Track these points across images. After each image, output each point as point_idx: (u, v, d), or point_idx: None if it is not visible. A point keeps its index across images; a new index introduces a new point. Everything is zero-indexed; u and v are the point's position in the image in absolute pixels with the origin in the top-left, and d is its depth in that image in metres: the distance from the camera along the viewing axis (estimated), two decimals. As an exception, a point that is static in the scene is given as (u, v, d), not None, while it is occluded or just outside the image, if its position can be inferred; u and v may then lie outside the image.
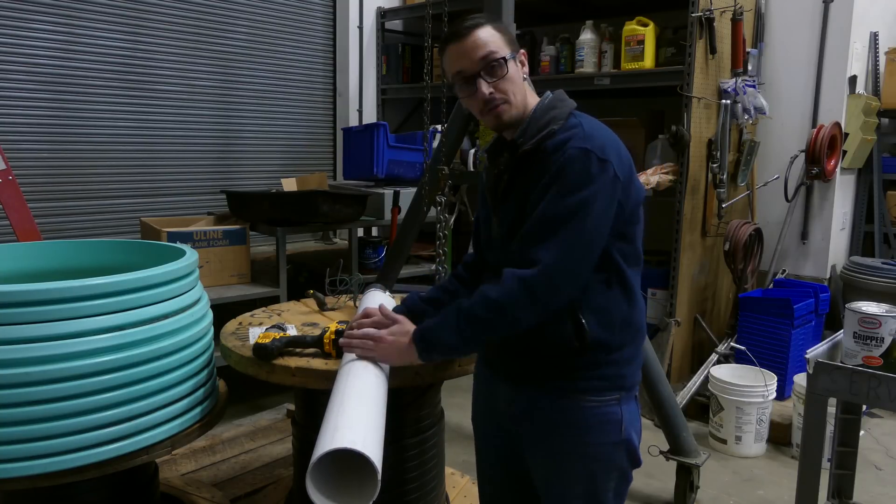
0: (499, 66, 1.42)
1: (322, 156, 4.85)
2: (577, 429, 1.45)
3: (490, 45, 1.41)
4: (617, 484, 1.49)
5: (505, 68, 1.42)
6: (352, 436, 1.22)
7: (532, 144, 1.42)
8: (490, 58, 1.41)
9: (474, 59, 1.42)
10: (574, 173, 1.34)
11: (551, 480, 1.50)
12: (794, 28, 3.93)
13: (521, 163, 1.45)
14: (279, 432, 2.99)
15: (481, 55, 1.41)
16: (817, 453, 1.73)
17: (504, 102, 1.44)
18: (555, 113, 1.45)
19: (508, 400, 1.54)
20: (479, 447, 1.73)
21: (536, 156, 1.42)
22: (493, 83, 1.43)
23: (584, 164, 1.34)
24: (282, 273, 3.35)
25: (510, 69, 1.43)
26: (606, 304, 1.43)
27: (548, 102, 1.48)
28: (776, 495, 2.81)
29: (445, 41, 1.47)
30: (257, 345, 1.76)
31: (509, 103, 1.44)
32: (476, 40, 1.41)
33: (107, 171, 3.83)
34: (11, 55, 3.45)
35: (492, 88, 1.43)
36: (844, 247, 4.21)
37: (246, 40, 4.32)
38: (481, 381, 1.69)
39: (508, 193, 1.49)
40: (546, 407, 1.47)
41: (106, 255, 2.09)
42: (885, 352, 1.67)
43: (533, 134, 1.43)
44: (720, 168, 3.60)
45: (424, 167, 2.92)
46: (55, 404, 1.49)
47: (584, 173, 1.34)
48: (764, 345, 3.44)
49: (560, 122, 1.42)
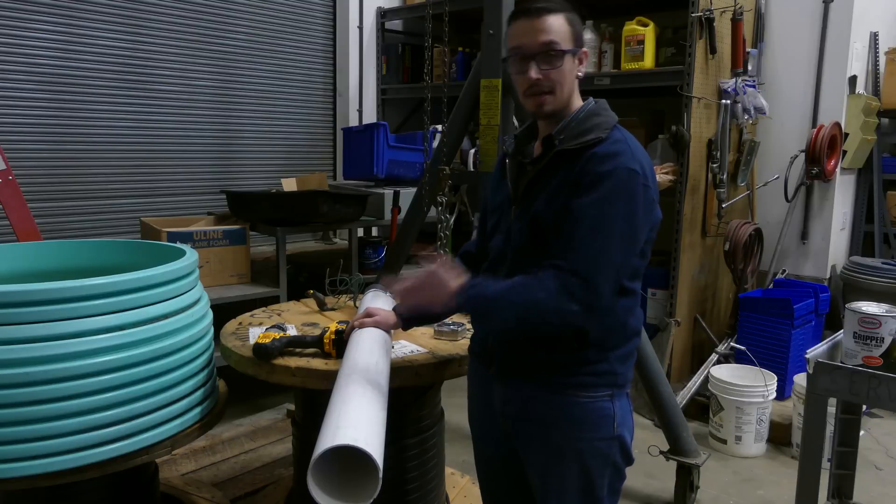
0: (556, 57, 1.43)
1: (322, 156, 4.85)
2: (571, 424, 1.47)
3: (555, 33, 1.42)
4: (611, 480, 1.51)
5: (561, 60, 1.43)
6: (354, 433, 1.22)
7: (576, 145, 1.43)
8: (551, 45, 1.42)
9: (536, 41, 1.42)
10: (625, 192, 1.37)
11: (547, 476, 1.51)
12: (794, 28, 3.93)
13: (557, 159, 1.46)
14: (279, 432, 2.99)
15: (543, 40, 1.42)
16: (817, 453, 1.73)
17: (549, 92, 1.45)
18: (599, 121, 1.46)
19: (503, 398, 1.56)
20: (477, 447, 1.74)
21: (577, 158, 1.43)
22: (544, 70, 1.43)
23: (632, 184, 1.37)
24: (282, 273, 3.35)
25: (566, 63, 1.44)
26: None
27: (592, 108, 1.50)
28: (776, 495, 2.81)
29: (515, 14, 1.48)
30: (257, 345, 1.76)
31: (553, 94, 1.45)
32: (545, 24, 1.42)
33: (107, 171, 3.82)
34: (11, 55, 3.45)
35: (541, 75, 1.43)
36: (844, 247, 4.21)
37: (246, 40, 4.31)
38: (476, 382, 1.70)
39: (534, 186, 1.49)
40: (540, 403, 1.49)
41: (106, 255, 2.09)
42: (885, 352, 1.67)
43: (575, 135, 1.44)
44: (720, 168, 3.60)
45: (424, 167, 2.92)
46: (55, 404, 1.49)
47: (632, 193, 1.37)
48: (764, 345, 3.44)
49: (605, 132, 1.44)
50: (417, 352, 1.85)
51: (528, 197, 1.50)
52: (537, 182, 1.49)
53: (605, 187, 1.36)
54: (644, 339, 2.53)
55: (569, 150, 1.44)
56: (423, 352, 1.85)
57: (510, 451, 1.60)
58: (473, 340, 1.69)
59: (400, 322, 1.73)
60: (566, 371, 1.46)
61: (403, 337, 1.98)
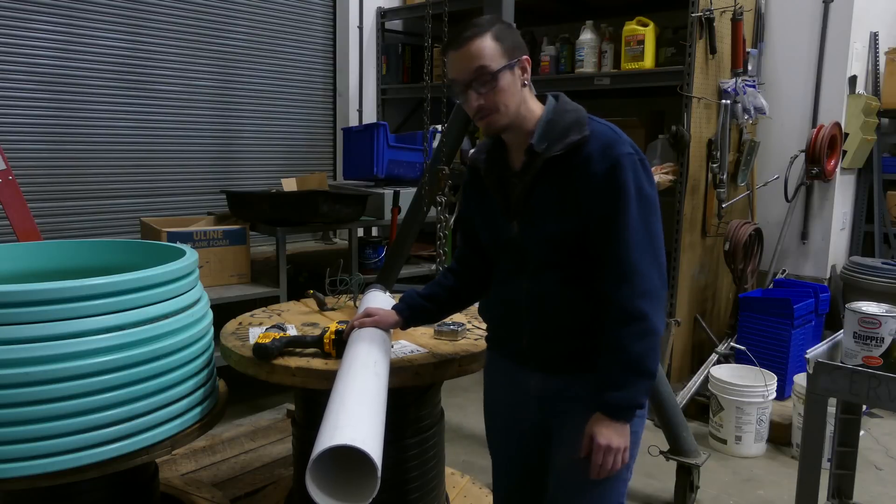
0: (490, 79, 1.43)
1: (322, 156, 4.85)
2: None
3: (484, 57, 1.42)
4: (631, 460, 1.54)
5: (495, 82, 1.43)
6: (352, 433, 1.22)
7: (562, 149, 1.44)
8: (481, 71, 1.43)
9: (468, 69, 1.44)
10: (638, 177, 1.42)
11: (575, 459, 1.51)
12: (794, 28, 3.93)
13: (546, 167, 1.47)
14: (279, 432, 2.99)
15: (473, 67, 1.43)
16: (817, 453, 1.73)
17: (494, 112, 1.46)
18: (572, 118, 1.48)
19: (542, 388, 1.57)
20: (497, 440, 1.73)
21: (568, 162, 1.45)
22: (483, 94, 1.45)
23: (636, 167, 1.42)
24: (282, 273, 3.35)
25: (502, 81, 1.44)
26: None
27: (558, 107, 1.51)
28: (776, 495, 2.81)
29: (446, 46, 1.50)
30: (257, 345, 1.76)
31: (499, 112, 1.46)
32: (470, 51, 1.43)
33: (107, 171, 3.83)
34: (11, 55, 3.45)
35: (482, 100, 1.45)
36: (844, 247, 4.21)
37: (246, 40, 4.32)
38: (501, 373, 1.68)
39: (530, 198, 1.50)
40: (580, 383, 1.51)
41: (106, 255, 2.09)
42: (885, 352, 1.67)
43: (556, 139, 1.45)
44: (720, 168, 3.60)
45: (424, 167, 2.92)
46: (55, 404, 1.49)
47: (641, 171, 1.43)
48: (764, 345, 3.44)
49: (584, 128, 1.45)
50: (417, 352, 1.85)
51: (528, 211, 1.51)
52: (532, 193, 1.50)
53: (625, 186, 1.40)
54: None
55: (556, 155, 1.45)
56: (422, 352, 1.85)
57: (539, 446, 1.62)
58: (496, 339, 1.68)
59: (400, 321, 1.73)
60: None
61: (403, 337, 1.98)
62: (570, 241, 1.46)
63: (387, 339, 1.71)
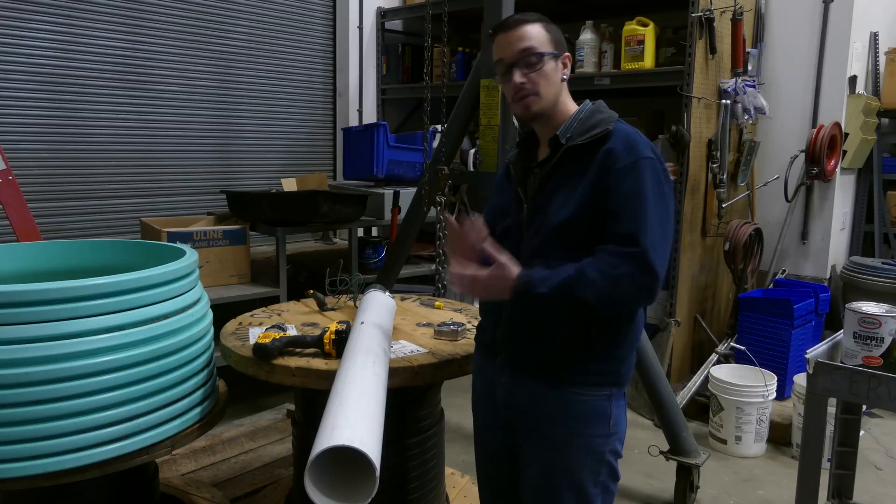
0: (536, 60, 1.50)
1: (322, 156, 4.85)
2: (572, 421, 1.50)
3: (533, 39, 1.50)
4: (605, 478, 1.53)
5: (541, 62, 1.50)
6: (350, 433, 1.22)
7: (585, 140, 1.47)
8: (529, 51, 1.50)
9: (515, 49, 1.51)
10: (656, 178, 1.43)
11: (543, 469, 1.53)
12: (794, 28, 3.93)
13: (566, 158, 1.50)
14: (279, 432, 2.99)
15: (521, 47, 1.50)
16: (817, 453, 1.73)
17: (533, 94, 1.51)
18: (602, 117, 1.52)
19: (507, 390, 1.58)
20: (480, 437, 1.75)
21: (589, 155, 1.47)
22: (526, 74, 1.50)
23: (658, 170, 1.44)
24: (282, 273, 3.35)
25: (546, 65, 1.51)
26: None
27: (592, 107, 1.56)
28: (776, 495, 2.81)
29: (494, 30, 1.56)
30: (257, 345, 1.76)
31: (538, 95, 1.51)
32: (521, 33, 1.51)
33: (107, 171, 3.83)
34: (11, 55, 3.45)
35: (524, 79, 1.50)
36: (844, 247, 4.21)
37: (246, 40, 4.31)
38: (481, 372, 1.71)
39: (546, 185, 1.52)
40: (542, 399, 1.51)
41: (106, 255, 2.09)
42: (885, 352, 1.67)
43: (581, 132, 1.49)
44: (720, 168, 3.60)
45: (424, 167, 2.92)
46: (55, 404, 1.49)
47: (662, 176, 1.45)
48: (764, 345, 3.44)
49: (610, 125, 1.49)
50: (417, 352, 1.85)
51: (540, 195, 1.53)
52: (549, 181, 1.52)
53: (644, 176, 1.41)
54: (644, 339, 2.53)
55: (578, 146, 1.48)
56: (423, 352, 1.85)
57: (510, 440, 1.62)
58: (481, 330, 1.69)
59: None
60: (572, 369, 1.49)
61: (403, 337, 1.98)
62: (576, 231, 1.45)
63: (387, 338, 1.71)
